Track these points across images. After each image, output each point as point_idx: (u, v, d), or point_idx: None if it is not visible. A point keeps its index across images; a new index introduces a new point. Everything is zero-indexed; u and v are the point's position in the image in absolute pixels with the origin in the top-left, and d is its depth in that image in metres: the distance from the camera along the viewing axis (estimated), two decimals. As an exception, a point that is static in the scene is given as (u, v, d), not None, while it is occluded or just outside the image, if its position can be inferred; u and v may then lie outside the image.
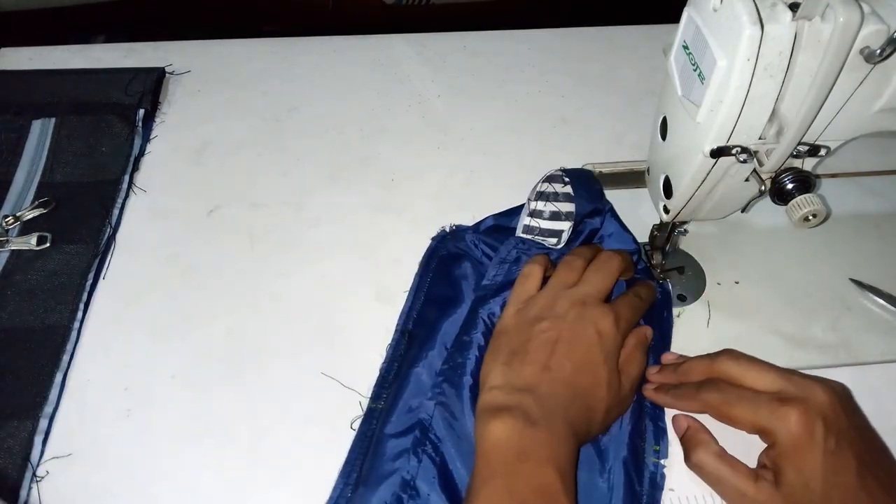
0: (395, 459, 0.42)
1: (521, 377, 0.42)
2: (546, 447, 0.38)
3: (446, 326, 0.49)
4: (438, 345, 0.48)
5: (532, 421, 0.39)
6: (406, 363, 0.47)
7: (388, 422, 0.44)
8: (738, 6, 0.36)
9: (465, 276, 0.52)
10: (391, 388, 0.46)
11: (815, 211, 0.42)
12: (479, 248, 0.53)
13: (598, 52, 0.75)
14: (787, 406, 0.40)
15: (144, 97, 0.64)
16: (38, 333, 0.49)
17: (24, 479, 0.43)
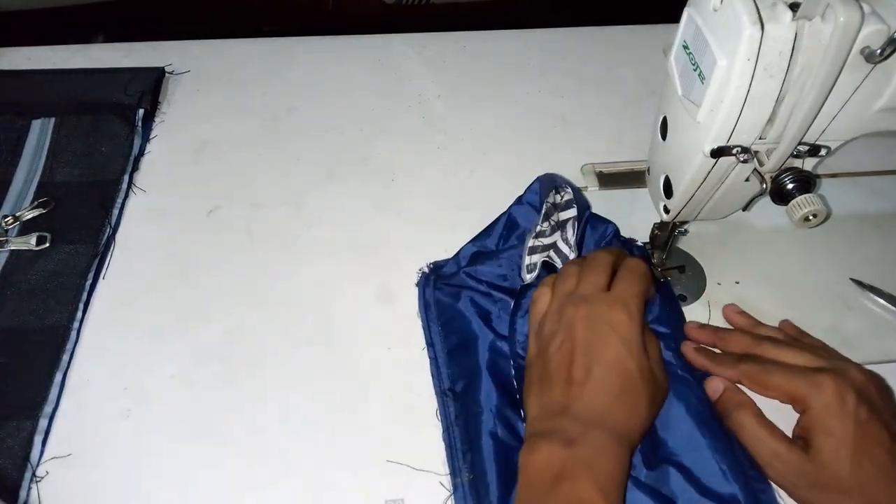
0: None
1: (552, 401, 0.41)
2: (583, 464, 0.37)
3: (483, 366, 0.48)
4: (485, 388, 0.46)
5: (569, 441, 0.38)
6: (470, 426, 0.45)
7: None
8: (739, 6, 0.36)
9: (469, 313, 0.50)
10: (468, 457, 0.44)
11: (816, 211, 0.42)
12: (475, 278, 0.51)
13: (598, 52, 0.75)
14: (821, 375, 0.41)
15: (144, 97, 0.64)
16: (37, 333, 0.49)
17: (24, 480, 0.43)
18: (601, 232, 0.52)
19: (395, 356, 0.50)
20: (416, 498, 0.43)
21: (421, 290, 0.52)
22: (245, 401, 0.47)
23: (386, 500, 0.43)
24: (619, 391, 0.41)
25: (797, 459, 0.40)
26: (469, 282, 0.52)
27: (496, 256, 0.52)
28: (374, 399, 0.47)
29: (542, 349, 0.44)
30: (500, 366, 0.48)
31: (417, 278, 0.53)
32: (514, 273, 0.51)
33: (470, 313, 0.50)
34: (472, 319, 0.50)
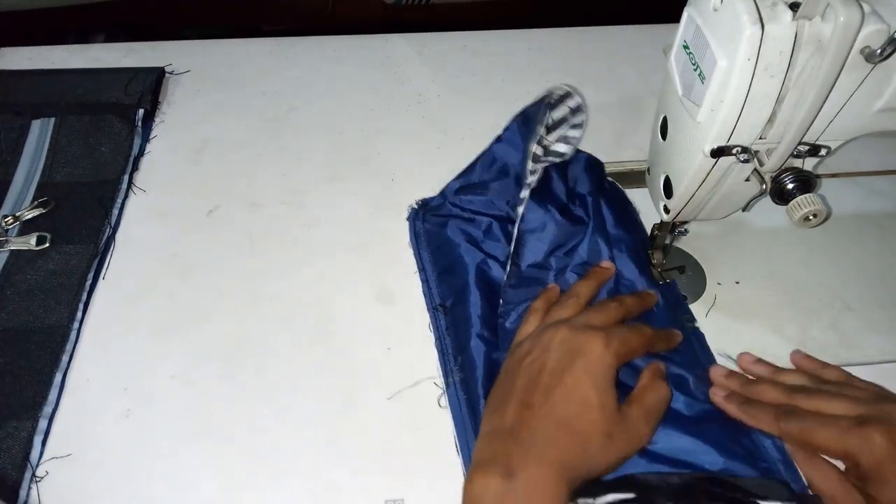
0: None
1: (503, 422, 0.40)
2: (522, 499, 0.36)
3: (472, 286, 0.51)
4: (473, 301, 0.50)
5: (509, 473, 0.37)
6: (460, 333, 0.49)
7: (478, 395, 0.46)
8: (739, 6, 0.36)
9: (458, 239, 0.54)
10: (458, 360, 0.48)
11: (816, 211, 0.42)
12: (460, 207, 0.56)
13: (599, 52, 0.75)
14: (869, 428, 0.39)
15: (144, 97, 0.64)
16: (37, 333, 0.49)
17: (24, 480, 0.43)
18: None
19: (394, 356, 0.50)
20: (416, 498, 0.43)
21: (411, 223, 0.57)
22: (245, 401, 0.47)
23: (386, 500, 0.43)
24: (572, 422, 0.39)
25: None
26: (454, 210, 0.56)
27: (480, 188, 0.56)
28: (374, 399, 0.47)
29: (513, 366, 0.43)
30: (486, 281, 0.52)
31: (407, 213, 0.57)
32: (500, 200, 0.55)
33: (458, 239, 0.54)
34: (459, 243, 0.54)
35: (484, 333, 0.48)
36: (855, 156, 0.63)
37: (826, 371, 0.47)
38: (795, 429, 0.42)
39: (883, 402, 0.42)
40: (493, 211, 0.55)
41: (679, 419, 0.44)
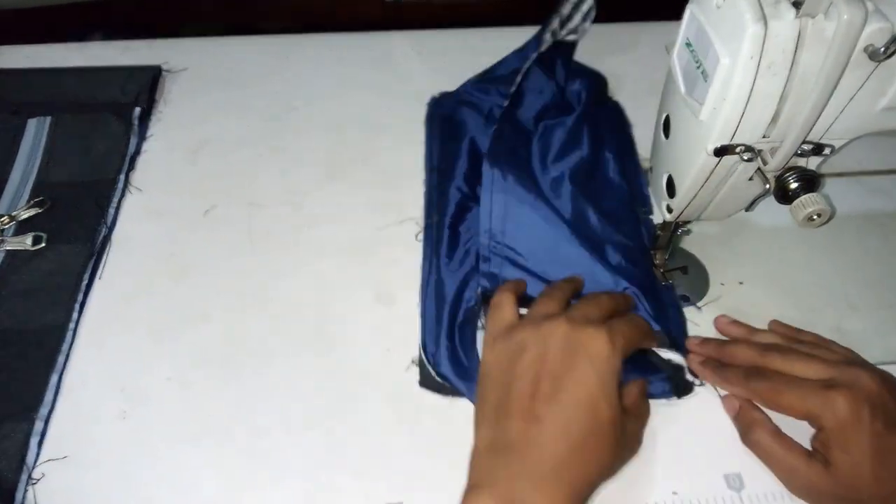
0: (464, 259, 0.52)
1: (505, 437, 0.37)
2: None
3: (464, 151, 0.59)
4: (461, 163, 0.57)
5: (510, 500, 0.35)
6: (444, 185, 0.56)
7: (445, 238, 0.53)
8: (742, 3, 0.36)
9: (465, 122, 0.61)
10: (438, 205, 0.55)
11: (820, 210, 0.42)
12: (473, 95, 0.63)
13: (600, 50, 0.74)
14: (833, 391, 0.40)
15: (141, 95, 0.64)
16: (33, 334, 0.49)
17: (20, 482, 0.42)
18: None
19: (394, 357, 0.49)
20: (415, 501, 0.43)
21: (429, 109, 0.64)
22: (243, 402, 0.47)
23: (385, 502, 0.43)
24: (584, 438, 0.37)
25: (816, 474, 0.40)
26: (464, 97, 0.63)
27: (491, 82, 0.63)
28: (374, 400, 0.47)
29: (506, 363, 0.40)
30: (476, 150, 0.59)
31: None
32: (507, 90, 0.59)
33: (463, 117, 0.61)
34: (463, 121, 0.61)
35: (462, 187, 0.56)
36: (859, 155, 0.63)
37: (801, 334, 0.48)
38: (763, 388, 0.43)
39: (852, 367, 0.42)
40: (496, 100, 0.61)
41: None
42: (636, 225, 0.54)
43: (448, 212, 0.54)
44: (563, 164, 0.56)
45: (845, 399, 0.39)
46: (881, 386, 0.41)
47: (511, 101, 0.57)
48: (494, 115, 0.60)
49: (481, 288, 0.49)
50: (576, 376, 0.38)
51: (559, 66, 0.60)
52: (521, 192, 0.52)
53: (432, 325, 0.49)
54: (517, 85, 0.56)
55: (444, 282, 0.51)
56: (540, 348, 0.39)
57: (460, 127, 0.60)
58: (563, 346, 0.39)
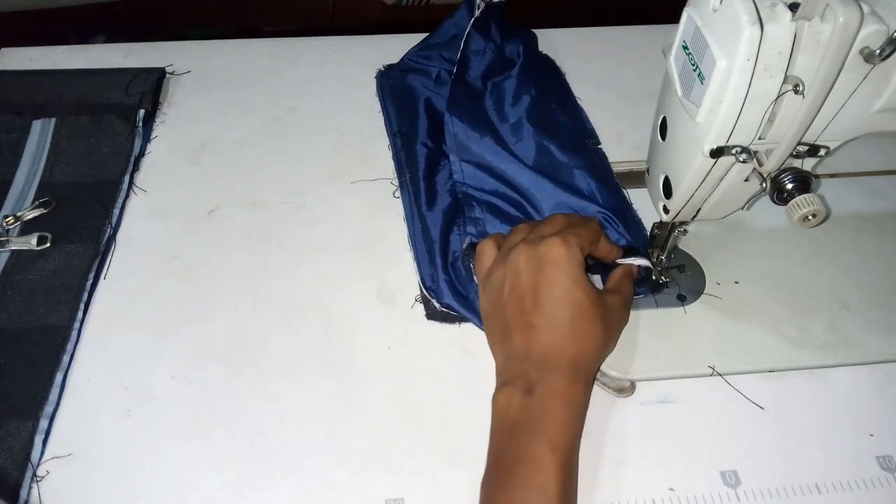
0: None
1: (514, 349, 0.44)
2: (538, 416, 0.40)
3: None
4: (421, 123, 0.63)
5: (528, 390, 0.41)
6: (409, 144, 0.61)
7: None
8: (738, 6, 0.36)
9: (416, 87, 0.67)
10: (408, 163, 0.60)
11: (815, 211, 0.42)
12: (418, 62, 0.69)
13: (598, 52, 0.75)
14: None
15: (145, 97, 0.64)
16: (38, 333, 0.49)
17: (25, 479, 0.43)
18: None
19: (395, 356, 0.50)
20: (416, 497, 0.43)
21: (378, 82, 0.69)
22: (245, 400, 0.47)
23: (386, 499, 0.43)
24: (572, 324, 0.43)
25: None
26: (410, 64, 0.69)
27: (432, 47, 0.69)
28: (374, 399, 0.47)
29: (495, 299, 0.46)
30: (432, 108, 0.64)
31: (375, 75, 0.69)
32: (449, 53, 0.67)
33: (414, 83, 0.67)
34: (415, 86, 0.66)
35: (427, 143, 0.60)
36: (854, 156, 0.63)
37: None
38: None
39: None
40: (442, 64, 0.67)
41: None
42: (592, 154, 0.61)
43: (420, 167, 0.59)
44: (518, 109, 0.62)
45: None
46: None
47: (458, 66, 0.64)
48: (443, 78, 0.66)
49: (468, 237, 0.53)
50: (547, 280, 0.44)
51: (494, 29, 0.67)
52: (484, 141, 0.59)
53: (427, 266, 0.53)
54: (461, 51, 0.64)
55: (430, 228, 0.55)
56: (512, 275, 0.45)
57: (412, 92, 0.66)
58: (528, 264, 0.45)
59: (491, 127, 0.61)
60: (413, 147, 0.60)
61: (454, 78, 0.63)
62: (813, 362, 0.50)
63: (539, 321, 0.43)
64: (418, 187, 0.58)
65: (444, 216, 0.56)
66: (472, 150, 0.59)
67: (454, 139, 0.59)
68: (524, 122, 0.61)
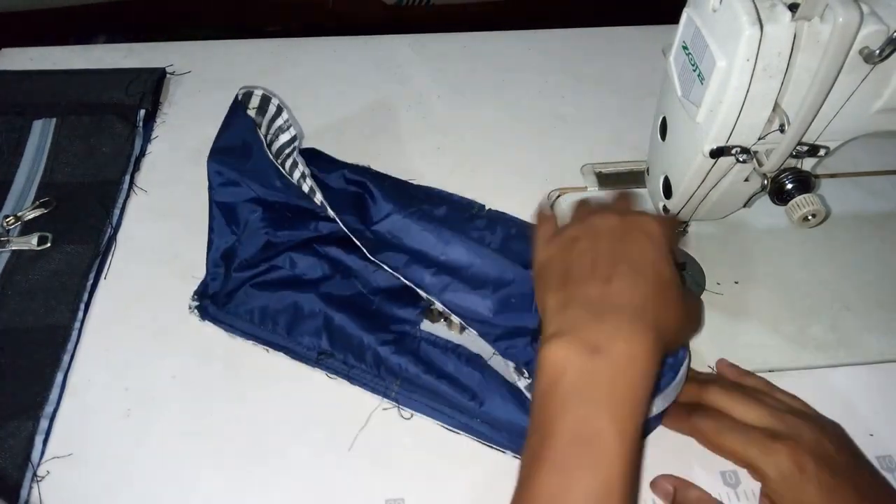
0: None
1: (578, 293, 0.37)
2: (605, 384, 0.34)
3: None
4: (349, 325, 0.49)
5: (595, 349, 0.34)
6: (363, 352, 0.49)
7: None
8: (738, 7, 0.36)
9: (279, 295, 0.51)
10: (381, 371, 0.48)
11: (815, 211, 0.42)
12: (250, 265, 0.52)
13: (598, 52, 0.75)
14: (776, 443, 0.39)
15: (145, 97, 0.64)
16: (38, 333, 0.49)
17: (25, 479, 0.43)
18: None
19: (395, 356, 0.50)
20: (416, 497, 0.43)
21: (213, 320, 0.51)
22: (245, 400, 0.47)
23: (386, 499, 0.43)
24: (654, 291, 0.37)
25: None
26: (246, 275, 0.51)
27: (248, 237, 0.52)
28: (375, 398, 0.47)
29: (559, 254, 0.41)
30: (335, 299, 0.50)
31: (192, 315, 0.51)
32: (272, 231, 0.52)
33: (278, 293, 0.50)
34: (284, 294, 0.50)
35: (383, 337, 0.48)
36: (854, 156, 0.63)
37: (746, 378, 0.47)
38: (706, 427, 0.42)
39: (795, 417, 0.41)
40: (278, 249, 0.52)
41: None
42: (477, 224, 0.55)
43: (405, 366, 0.47)
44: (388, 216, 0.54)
45: (788, 451, 0.39)
46: (822, 436, 0.40)
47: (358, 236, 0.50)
48: (299, 263, 0.52)
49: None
50: (634, 248, 0.39)
51: (315, 167, 0.56)
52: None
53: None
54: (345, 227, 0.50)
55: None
56: (591, 237, 0.40)
57: (285, 306, 0.50)
58: (613, 231, 0.40)
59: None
60: (373, 353, 0.48)
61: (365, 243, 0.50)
62: (813, 362, 0.50)
63: (616, 277, 0.37)
64: (426, 381, 0.47)
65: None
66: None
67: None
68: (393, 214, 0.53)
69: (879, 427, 0.46)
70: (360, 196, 0.55)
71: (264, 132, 0.52)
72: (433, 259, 0.52)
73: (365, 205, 0.54)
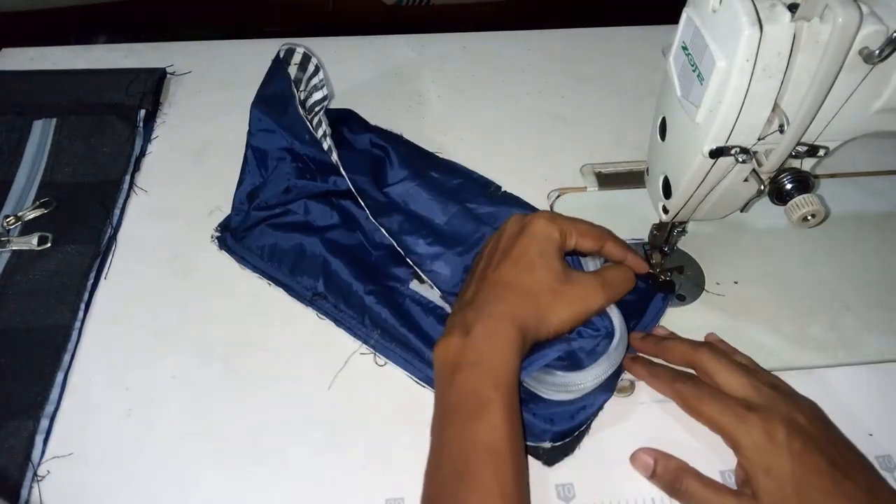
0: None
1: (465, 296, 0.46)
2: (477, 352, 0.41)
3: None
4: (343, 271, 0.53)
5: (466, 330, 0.42)
6: (350, 299, 0.52)
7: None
8: (737, 7, 0.36)
9: (287, 235, 0.54)
10: (365, 320, 0.51)
11: (814, 211, 0.42)
12: (265, 210, 0.55)
13: (598, 52, 0.75)
14: (751, 413, 0.41)
15: (145, 97, 0.65)
16: (39, 333, 0.49)
17: (26, 479, 0.43)
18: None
19: (395, 356, 0.50)
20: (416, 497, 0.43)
21: (230, 251, 0.55)
22: (246, 400, 0.47)
23: (386, 499, 0.43)
24: (519, 281, 0.44)
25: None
26: (262, 215, 0.55)
27: (273, 181, 0.56)
28: (375, 398, 0.47)
29: (477, 258, 0.49)
30: (338, 247, 0.54)
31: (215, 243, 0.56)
32: (289, 181, 0.55)
33: (285, 233, 0.54)
34: (291, 235, 0.54)
35: (370, 287, 0.51)
36: (853, 156, 0.63)
37: (736, 354, 0.48)
38: (687, 392, 0.44)
39: (775, 392, 0.43)
40: (295, 195, 0.55)
41: None
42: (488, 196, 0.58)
43: (384, 317, 0.50)
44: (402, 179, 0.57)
45: (759, 420, 0.40)
46: (796, 409, 0.41)
47: (360, 194, 0.52)
48: (312, 210, 0.56)
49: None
50: (518, 245, 0.45)
51: (342, 136, 0.60)
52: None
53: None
54: (350, 183, 0.52)
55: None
56: (496, 237, 0.48)
57: (290, 245, 0.54)
58: (511, 230, 0.47)
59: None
60: (358, 303, 0.51)
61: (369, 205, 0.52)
62: (812, 362, 0.50)
63: (492, 276, 0.45)
64: (400, 335, 0.50)
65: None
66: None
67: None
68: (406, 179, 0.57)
69: (879, 427, 0.46)
70: (380, 159, 0.58)
71: (302, 87, 0.57)
72: (434, 227, 0.54)
73: (382, 168, 0.57)
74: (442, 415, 0.41)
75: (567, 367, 0.46)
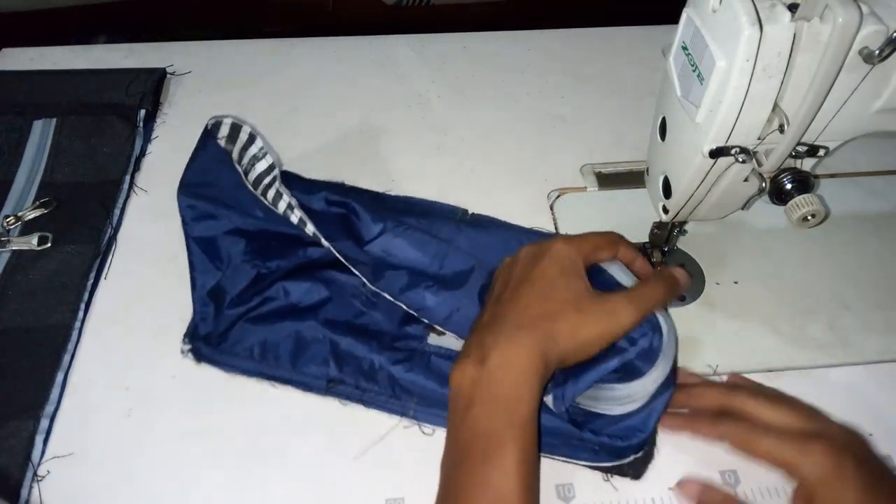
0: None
1: (481, 321, 0.44)
2: (491, 384, 0.39)
3: None
4: (356, 347, 0.48)
5: (482, 358, 0.39)
6: (380, 383, 0.47)
7: None
8: (737, 7, 0.36)
9: (273, 327, 0.49)
10: (397, 391, 0.47)
11: (814, 211, 0.42)
12: (242, 301, 0.50)
13: (598, 52, 0.75)
14: (812, 443, 0.39)
15: (145, 97, 0.64)
16: (39, 333, 0.49)
17: (26, 479, 0.43)
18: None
19: (395, 356, 0.50)
20: (416, 497, 0.43)
21: (209, 362, 0.49)
22: (245, 400, 0.47)
23: (386, 499, 0.43)
24: (540, 301, 0.42)
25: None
26: (240, 311, 0.49)
27: (234, 272, 0.50)
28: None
29: (493, 284, 0.47)
30: (341, 321, 0.49)
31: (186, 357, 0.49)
32: (258, 263, 0.50)
33: (276, 325, 0.49)
34: (283, 326, 0.49)
35: (395, 357, 0.47)
36: (853, 156, 0.63)
37: (765, 388, 0.47)
38: (735, 432, 0.42)
39: (823, 419, 0.42)
40: (271, 280, 0.50)
41: None
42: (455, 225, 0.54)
43: (418, 382, 0.47)
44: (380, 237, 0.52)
45: (826, 451, 0.39)
46: (856, 439, 0.41)
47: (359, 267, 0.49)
48: (292, 291, 0.50)
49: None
50: (537, 268, 0.44)
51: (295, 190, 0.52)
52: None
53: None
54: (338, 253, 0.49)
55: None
56: (511, 262, 0.46)
57: (287, 336, 0.49)
58: (527, 256, 0.45)
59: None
60: (386, 379, 0.47)
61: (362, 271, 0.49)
62: (812, 362, 0.50)
63: (509, 299, 0.43)
64: (439, 397, 0.46)
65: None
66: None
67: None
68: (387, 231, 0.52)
69: (878, 427, 0.46)
70: (346, 217, 0.53)
71: (238, 160, 0.50)
72: (432, 274, 0.51)
73: (353, 226, 0.52)
74: (453, 453, 0.39)
75: (622, 377, 0.43)
